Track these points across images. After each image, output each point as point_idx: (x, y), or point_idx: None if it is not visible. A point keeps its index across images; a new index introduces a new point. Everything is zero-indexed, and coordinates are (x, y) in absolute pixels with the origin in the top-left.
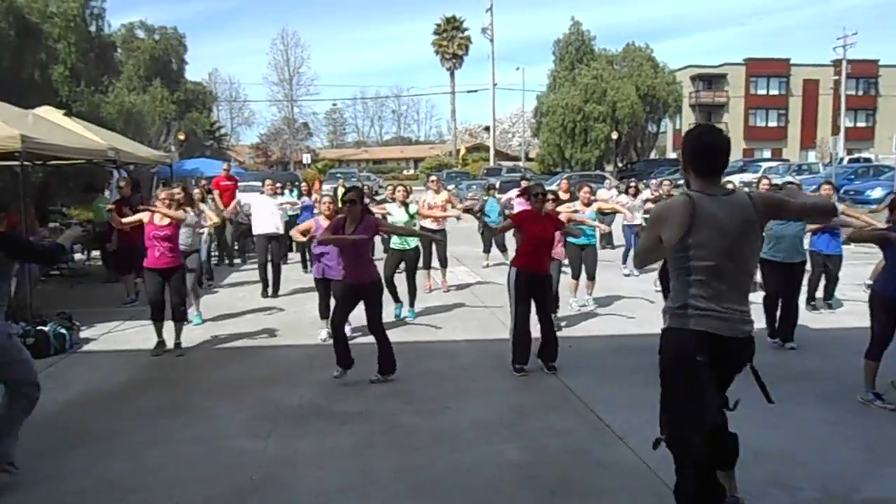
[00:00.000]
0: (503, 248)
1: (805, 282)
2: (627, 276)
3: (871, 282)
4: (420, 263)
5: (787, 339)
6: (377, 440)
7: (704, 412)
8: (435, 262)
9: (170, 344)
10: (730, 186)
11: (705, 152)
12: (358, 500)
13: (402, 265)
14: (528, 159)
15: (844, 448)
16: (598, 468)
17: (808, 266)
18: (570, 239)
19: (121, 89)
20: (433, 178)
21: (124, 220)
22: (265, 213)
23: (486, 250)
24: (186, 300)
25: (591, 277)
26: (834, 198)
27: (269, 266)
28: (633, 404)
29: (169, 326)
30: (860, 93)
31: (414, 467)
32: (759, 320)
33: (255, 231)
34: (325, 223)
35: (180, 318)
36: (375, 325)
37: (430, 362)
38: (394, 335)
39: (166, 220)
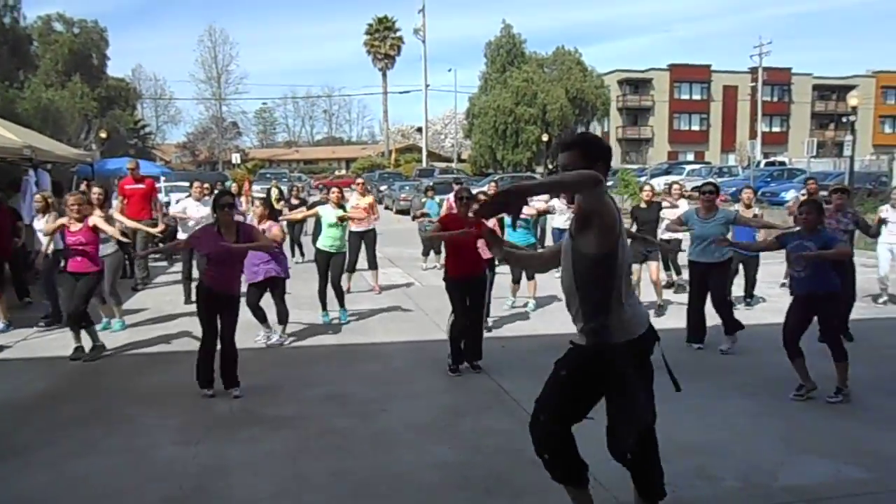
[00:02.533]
0: (438, 251)
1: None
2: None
3: (785, 281)
4: (347, 266)
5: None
6: (312, 444)
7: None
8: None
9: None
10: None
11: (610, 153)
12: None
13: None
14: (461, 160)
15: (763, 439)
16: (532, 467)
17: None
18: (509, 238)
19: (37, 84)
20: (359, 180)
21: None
22: (192, 216)
23: (425, 253)
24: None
25: (531, 276)
26: (754, 201)
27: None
28: None
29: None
30: (775, 99)
31: (349, 471)
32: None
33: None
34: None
35: (72, 323)
36: (228, 336)
37: (364, 365)
38: (328, 338)
39: (77, 226)
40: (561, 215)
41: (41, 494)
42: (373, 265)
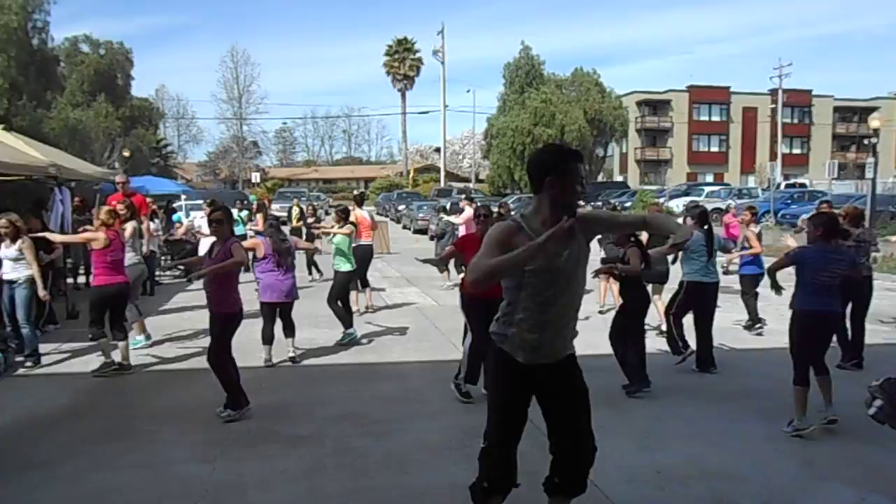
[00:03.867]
0: (442, 270)
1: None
2: None
3: None
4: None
5: (700, 365)
6: (328, 463)
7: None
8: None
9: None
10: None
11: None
12: None
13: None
14: (479, 181)
15: (783, 464)
16: None
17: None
18: None
19: (64, 105)
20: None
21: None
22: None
23: (442, 271)
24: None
25: None
26: (763, 222)
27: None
28: None
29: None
30: (795, 121)
31: (365, 490)
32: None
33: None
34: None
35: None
36: (213, 358)
37: (380, 384)
38: (344, 357)
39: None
40: None
41: None
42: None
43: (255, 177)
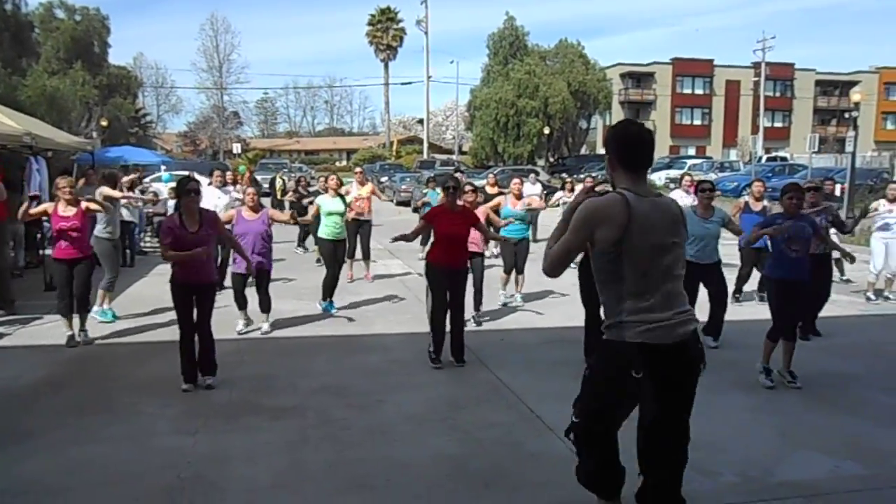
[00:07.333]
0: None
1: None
2: None
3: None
4: (346, 253)
5: (713, 335)
6: (310, 435)
7: (614, 421)
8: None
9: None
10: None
11: (631, 143)
12: (291, 496)
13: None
14: (462, 152)
15: (761, 434)
16: (531, 459)
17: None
18: (503, 233)
19: (39, 72)
20: (358, 169)
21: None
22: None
23: (424, 242)
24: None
25: (520, 271)
26: (764, 194)
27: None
28: (563, 395)
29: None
30: (777, 94)
31: (348, 462)
32: None
33: None
34: (247, 215)
35: (81, 309)
36: (204, 324)
37: (363, 356)
38: (326, 329)
39: (71, 211)
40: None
41: (43, 481)
42: (366, 254)
43: (236, 147)
